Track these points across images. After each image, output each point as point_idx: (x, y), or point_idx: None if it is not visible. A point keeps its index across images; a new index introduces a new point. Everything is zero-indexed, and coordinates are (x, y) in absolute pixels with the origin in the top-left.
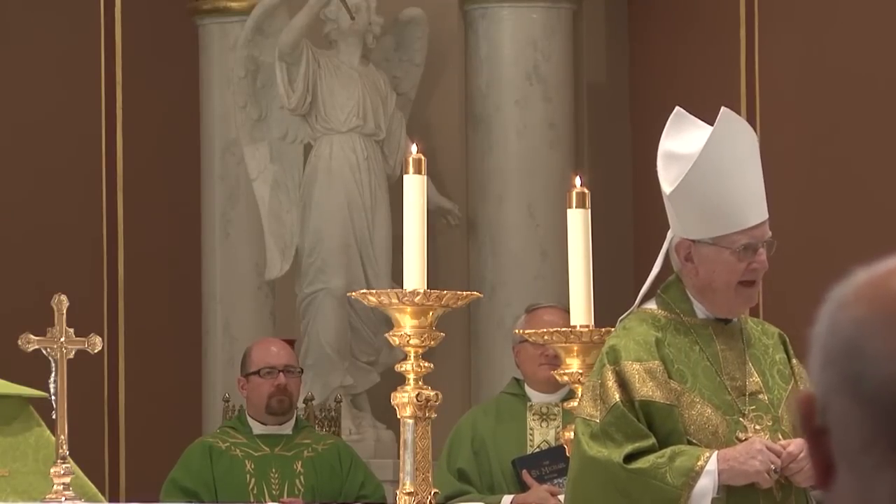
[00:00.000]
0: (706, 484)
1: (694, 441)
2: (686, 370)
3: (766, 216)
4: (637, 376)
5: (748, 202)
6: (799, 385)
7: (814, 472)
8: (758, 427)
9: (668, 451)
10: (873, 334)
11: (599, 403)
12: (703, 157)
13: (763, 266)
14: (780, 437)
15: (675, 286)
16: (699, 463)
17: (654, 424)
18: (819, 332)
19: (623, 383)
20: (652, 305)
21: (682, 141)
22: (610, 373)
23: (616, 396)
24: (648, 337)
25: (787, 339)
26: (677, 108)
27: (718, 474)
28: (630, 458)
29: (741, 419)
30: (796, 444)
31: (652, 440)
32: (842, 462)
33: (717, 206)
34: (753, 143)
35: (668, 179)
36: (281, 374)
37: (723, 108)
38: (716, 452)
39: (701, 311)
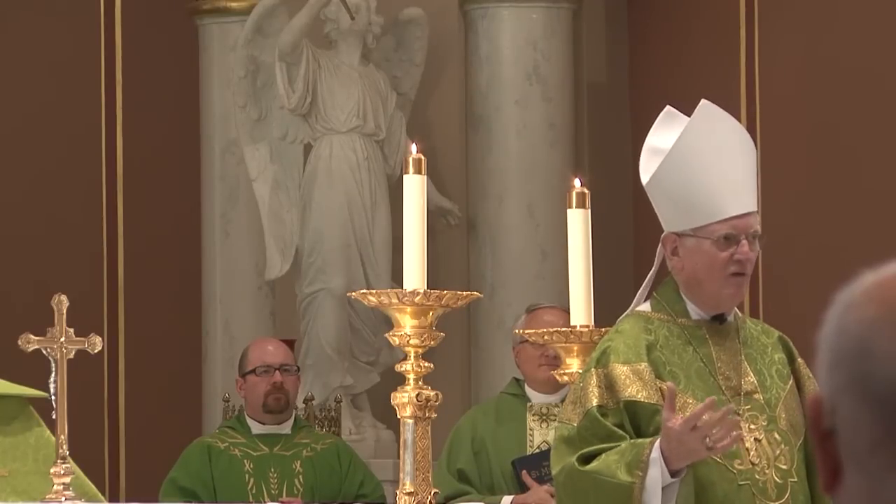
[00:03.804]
0: (655, 474)
1: None
2: (679, 372)
3: (750, 208)
4: (623, 377)
5: (727, 192)
6: (805, 384)
7: (821, 474)
8: (752, 427)
9: (624, 445)
10: (882, 335)
11: (578, 407)
12: (677, 148)
13: (746, 257)
14: (777, 436)
15: (669, 287)
16: (645, 452)
17: (640, 425)
18: (827, 333)
19: (609, 385)
20: (646, 307)
21: (665, 136)
22: (593, 376)
23: (593, 401)
24: (640, 340)
25: (790, 341)
26: (668, 106)
27: (665, 461)
28: (590, 458)
29: (736, 419)
30: (702, 406)
31: (625, 441)
32: (850, 463)
33: (693, 197)
34: (738, 135)
35: (646, 171)
36: (277, 371)
37: (702, 101)
38: (658, 439)
39: (694, 311)
